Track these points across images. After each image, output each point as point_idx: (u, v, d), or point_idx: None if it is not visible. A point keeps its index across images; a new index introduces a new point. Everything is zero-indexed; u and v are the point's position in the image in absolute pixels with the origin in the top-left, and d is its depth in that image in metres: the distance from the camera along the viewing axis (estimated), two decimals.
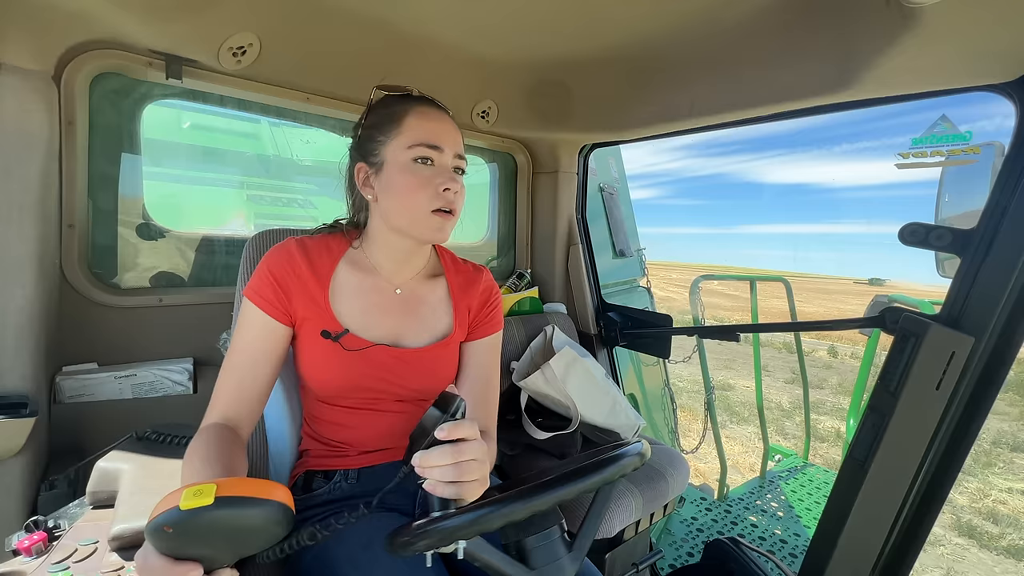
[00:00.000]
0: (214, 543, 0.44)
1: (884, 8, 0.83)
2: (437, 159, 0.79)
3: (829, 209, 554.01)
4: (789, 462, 3.06)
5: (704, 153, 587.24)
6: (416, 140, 0.78)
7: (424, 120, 0.79)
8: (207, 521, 0.41)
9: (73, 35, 0.98)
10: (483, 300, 0.93)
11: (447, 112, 0.85)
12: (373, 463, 0.89)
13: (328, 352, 0.81)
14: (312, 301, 0.81)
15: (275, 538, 0.46)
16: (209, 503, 0.40)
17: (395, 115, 0.80)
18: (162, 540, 0.43)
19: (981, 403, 0.96)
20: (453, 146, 0.81)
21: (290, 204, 1.99)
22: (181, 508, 0.40)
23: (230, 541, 0.45)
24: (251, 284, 0.79)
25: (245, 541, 0.45)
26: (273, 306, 0.78)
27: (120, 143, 1.16)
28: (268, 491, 0.44)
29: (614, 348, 1.92)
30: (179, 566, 0.46)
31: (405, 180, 0.78)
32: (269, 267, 0.79)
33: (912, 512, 1.04)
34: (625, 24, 1.08)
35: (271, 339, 0.79)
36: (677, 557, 2.03)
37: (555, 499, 0.58)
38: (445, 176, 0.78)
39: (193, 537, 0.43)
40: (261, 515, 0.43)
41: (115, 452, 0.83)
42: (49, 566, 0.61)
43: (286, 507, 0.45)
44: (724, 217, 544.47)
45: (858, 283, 32.35)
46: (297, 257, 0.81)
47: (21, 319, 0.92)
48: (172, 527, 0.41)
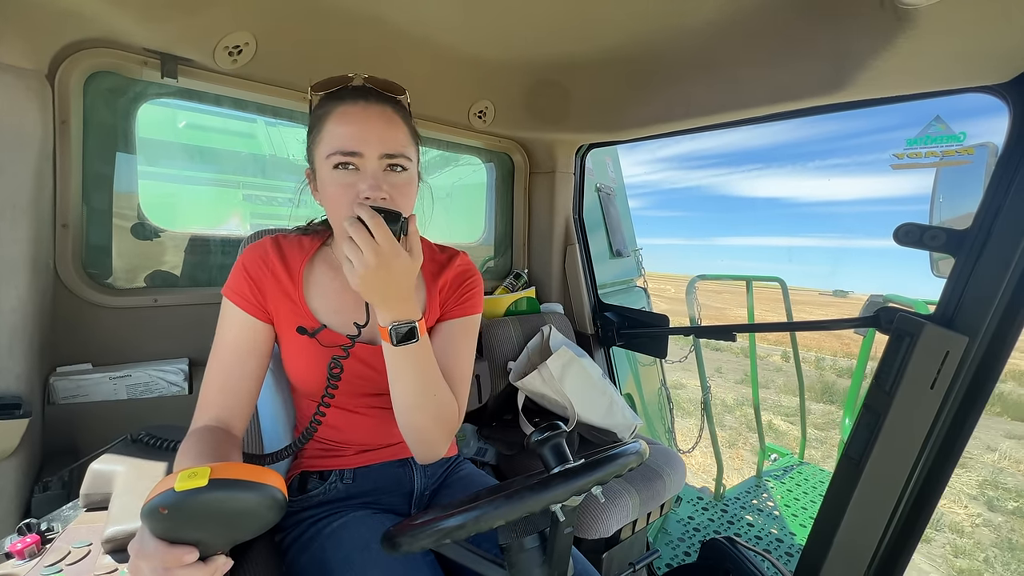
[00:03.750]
0: (208, 526, 0.45)
1: (879, 9, 0.84)
2: (360, 164, 0.72)
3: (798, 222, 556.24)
4: (784, 461, 3.08)
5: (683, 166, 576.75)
6: (333, 148, 0.72)
7: (342, 123, 0.73)
8: (201, 503, 0.42)
9: (67, 34, 0.97)
10: (457, 282, 0.90)
11: (386, 99, 0.77)
12: (369, 463, 0.88)
13: (305, 348, 0.80)
14: (287, 297, 0.80)
15: (267, 524, 0.47)
16: (203, 484, 0.41)
17: (319, 120, 0.76)
18: (158, 522, 0.43)
19: (975, 402, 0.97)
20: (378, 146, 0.72)
21: (286, 204, 1.99)
22: (176, 489, 0.41)
23: (224, 525, 0.45)
24: (228, 282, 0.79)
25: (238, 525, 0.46)
26: (250, 303, 0.78)
27: (115, 142, 1.15)
28: (261, 476, 0.45)
29: (611, 348, 1.93)
30: (175, 549, 0.46)
31: (329, 189, 0.74)
32: (244, 264, 0.79)
33: (907, 510, 1.04)
34: (622, 25, 1.08)
35: (252, 336, 0.78)
36: (674, 556, 2.03)
37: (552, 499, 0.58)
38: (367, 182, 0.71)
39: (188, 519, 0.43)
40: (254, 499, 0.44)
41: (109, 454, 0.82)
42: (42, 569, 0.61)
43: (278, 492, 0.45)
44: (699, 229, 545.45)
45: (822, 294, 33.01)
46: (271, 254, 0.80)
47: (15, 319, 0.91)
48: (167, 508, 0.42)
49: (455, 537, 0.55)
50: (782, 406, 6.45)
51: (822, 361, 9.17)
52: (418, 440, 0.78)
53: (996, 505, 4.07)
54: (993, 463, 5.03)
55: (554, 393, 1.47)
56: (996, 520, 3.83)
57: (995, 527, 3.72)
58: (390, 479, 0.89)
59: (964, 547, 3.35)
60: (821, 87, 1.06)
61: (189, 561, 0.47)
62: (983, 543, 3.47)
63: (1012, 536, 3.58)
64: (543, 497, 0.57)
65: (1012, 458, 5.17)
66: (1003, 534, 3.62)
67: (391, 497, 0.89)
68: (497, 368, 1.62)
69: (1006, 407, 7.00)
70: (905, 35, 0.85)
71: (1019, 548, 3.42)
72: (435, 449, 0.80)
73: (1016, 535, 3.60)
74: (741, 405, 6.27)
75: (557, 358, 1.50)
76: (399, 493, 0.90)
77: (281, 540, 0.84)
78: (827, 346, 10.64)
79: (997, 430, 6.16)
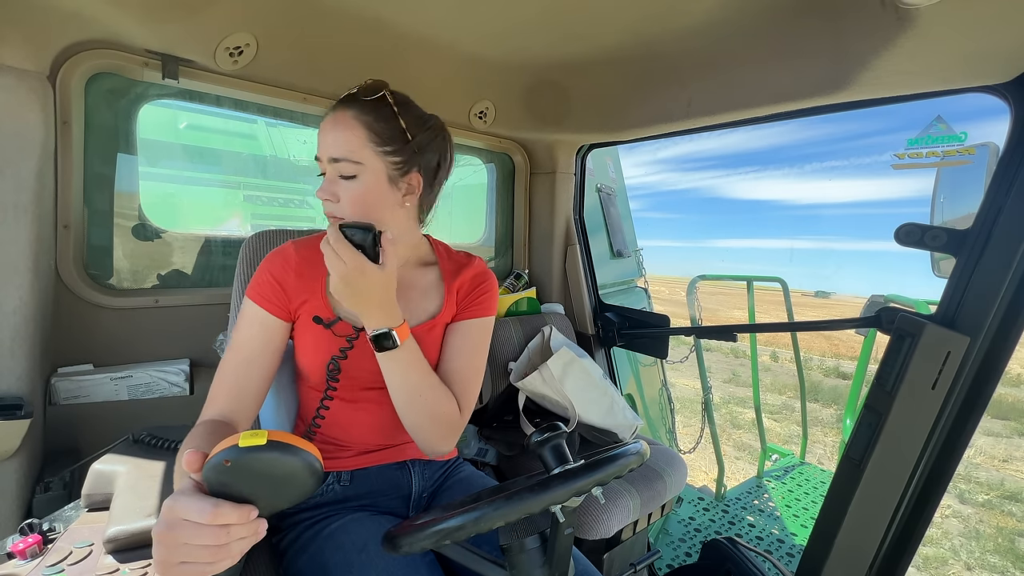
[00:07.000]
0: (261, 484, 0.48)
1: (879, 10, 0.83)
2: (324, 170, 0.78)
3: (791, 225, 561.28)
4: (785, 461, 3.07)
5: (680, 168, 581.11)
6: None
7: (319, 134, 0.79)
8: (260, 460, 0.46)
9: (69, 35, 0.97)
10: (474, 283, 0.92)
11: (353, 102, 0.77)
12: (367, 465, 0.89)
13: (319, 338, 0.82)
14: (309, 291, 0.82)
15: (306, 491, 0.50)
16: (263, 443, 0.46)
17: None
18: (221, 474, 0.47)
19: (976, 402, 0.97)
20: (326, 150, 0.76)
21: (287, 204, 1.99)
22: (240, 445, 0.45)
23: (273, 485, 0.49)
24: (251, 285, 0.82)
25: (284, 488, 0.49)
26: (271, 302, 0.80)
27: (116, 143, 1.16)
28: (306, 445, 0.49)
29: (612, 348, 1.93)
30: (241, 507, 0.47)
31: None
32: (269, 269, 0.82)
33: (908, 511, 1.04)
34: (622, 25, 1.08)
35: (268, 334, 0.80)
36: (675, 557, 2.03)
37: (552, 500, 0.58)
38: (321, 189, 0.77)
39: (246, 474, 0.47)
40: (301, 463, 0.48)
41: (110, 455, 0.83)
42: (44, 569, 0.61)
43: (317, 462, 0.49)
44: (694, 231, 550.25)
45: (804, 295, 33.17)
46: (294, 257, 0.83)
47: (16, 320, 0.92)
48: (231, 461, 0.46)
49: (455, 538, 0.55)
50: (768, 404, 6.67)
51: (809, 361, 9.38)
52: (415, 435, 0.82)
53: (967, 498, 4.18)
54: (968, 459, 5.12)
55: (555, 394, 1.47)
56: (965, 512, 3.95)
57: (964, 518, 3.84)
58: (387, 482, 0.89)
59: (931, 536, 3.44)
60: (822, 87, 1.05)
61: (253, 517, 0.48)
62: (951, 532, 3.59)
63: (979, 527, 3.69)
64: (543, 498, 0.57)
65: (987, 454, 5.30)
66: (971, 525, 3.73)
67: (388, 500, 0.89)
68: (498, 369, 1.62)
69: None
70: (906, 35, 0.85)
71: (985, 537, 3.53)
72: (433, 445, 0.82)
73: (984, 526, 3.72)
74: (727, 403, 6.47)
75: (558, 358, 1.50)
76: (397, 496, 0.90)
77: (279, 542, 0.84)
78: (815, 347, 10.80)
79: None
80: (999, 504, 4.09)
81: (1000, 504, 4.09)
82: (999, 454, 5.30)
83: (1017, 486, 4.44)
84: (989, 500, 4.15)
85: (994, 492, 4.30)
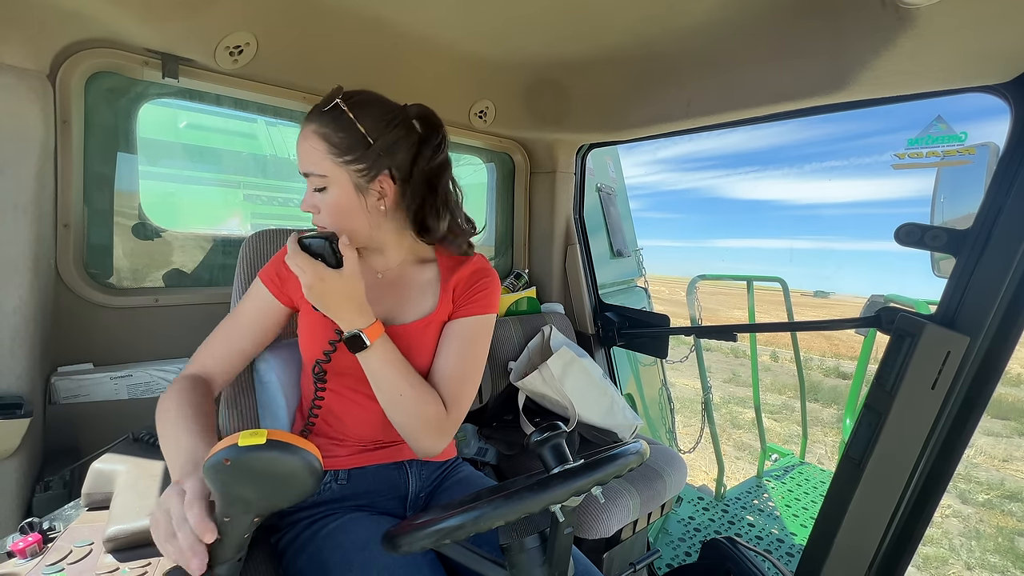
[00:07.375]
0: (260, 483, 0.49)
1: (879, 9, 0.83)
2: None
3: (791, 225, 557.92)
4: (785, 461, 3.08)
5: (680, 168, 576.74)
6: None
7: None
8: (259, 459, 0.47)
9: (68, 34, 0.97)
10: (471, 280, 0.91)
11: (314, 116, 0.79)
12: (364, 464, 0.89)
13: (319, 325, 0.84)
14: None
15: (305, 491, 0.50)
16: (262, 443, 0.46)
17: None
18: (220, 472, 0.47)
19: (976, 402, 0.97)
20: (299, 165, 0.81)
21: (287, 204, 1.99)
22: (240, 444, 0.46)
23: (271, 484, 0.49)
24: (264, 268, 0.89)
25: (284, 487, 0.50)
26: (276, 285, 0.87)
27: (116, 142, 1.16)
28: (305, 444, 0.49)
29: (612, 348, 1.93)
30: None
31: None
32: (279, 257, 0.88)
33: (908, 510, 1.04)
34: (622, 25, 1.08)
35: (265, 310, 0.87)
36: (674, 557, 2.03)
37: (552, 499, 0.58)
38: (304, 202, 0.82)
39: (245, 473, 0.47)
40: (301, 463, 0.48)
41: (110, 454, 0.83)
42: (44, 568, 0.61)
43: (317, 461, 0.49)
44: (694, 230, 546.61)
45: (804, 295, 32.96)
46: None
47: (16, 319, 0.92)
48: (231, 460, 0.46)
49: (455, 537, 0.55)
50: (767, 403, 6.68)
51: (809, 361, 9.40)
52: (402, 434, 0.82)
53: (968, 498, 4.19)
54: (968, 458, 5.14)
55: (555, 393, 1.47)
56: (965, 511, 3.96)
57: (964, 518, 3.85)
58: (384, 482, 0.89)
59: (931, 536, 3.45)
60: (822, 87, 1.05)
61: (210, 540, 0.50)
62: (951, 532, 3.60)
63: (979, 527, 3.70)
64: (543, 498, 0.57)
65: (987, 454, 5.31)
66: (971, 524, 3.74)
67: (385, 500, 0.89)
68: (498, 368, 1.62)
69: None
70: (906, 35, 0.85)
71: (985, 537, 3.54)
72: (420, 444, 0.82)
73: (984, 525, 3.72)
74: (727, 403, 6.49)
75: (558, 358, 1.50)
76: (394, 496, 0.90)
77: (277, 541, 0.84)
78: (815, 347, 10.82)
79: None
80: (999, 504, 4.10)
81: (1000, 504, 4.10)
82: (999, 454, 5.31)
83: (1017, 486, 4.45)
84: (989, 500, 4.17)
85: (994, 492, 4.32)
